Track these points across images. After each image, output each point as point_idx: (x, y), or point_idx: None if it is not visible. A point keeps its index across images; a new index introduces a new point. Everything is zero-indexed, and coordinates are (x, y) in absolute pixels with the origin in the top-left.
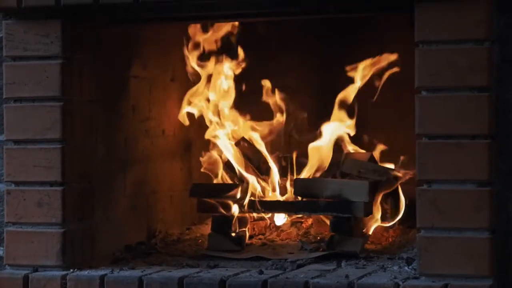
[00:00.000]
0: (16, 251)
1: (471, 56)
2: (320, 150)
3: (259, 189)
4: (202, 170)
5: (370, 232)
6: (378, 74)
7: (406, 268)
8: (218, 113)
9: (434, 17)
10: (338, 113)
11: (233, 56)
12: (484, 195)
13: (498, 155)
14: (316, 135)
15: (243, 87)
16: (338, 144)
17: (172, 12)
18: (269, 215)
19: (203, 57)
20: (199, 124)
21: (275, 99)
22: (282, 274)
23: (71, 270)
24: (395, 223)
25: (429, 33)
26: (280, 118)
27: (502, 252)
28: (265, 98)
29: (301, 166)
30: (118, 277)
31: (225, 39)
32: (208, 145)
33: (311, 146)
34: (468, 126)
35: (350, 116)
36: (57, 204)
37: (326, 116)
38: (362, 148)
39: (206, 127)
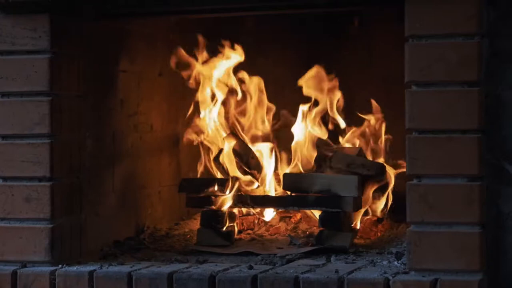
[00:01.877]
0: (4, 247)
1: (462, 50)
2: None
3: (248, 184)
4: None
5: (358, 227)
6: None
7: (395, 262)
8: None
9: (425, 11)
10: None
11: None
12: (474, 189)
13: (489, 150)
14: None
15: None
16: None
17: (162, 6)
18: (258, 210)
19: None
20: (187, 119)
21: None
22: (272, 269)
23: (60, 265)
24: (383, 218)
25: (419, 28)
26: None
27: (492, 246)
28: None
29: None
30: (107, 272)
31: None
32: (196, 140)
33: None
34: (458, 120)
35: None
36: (46, 199)
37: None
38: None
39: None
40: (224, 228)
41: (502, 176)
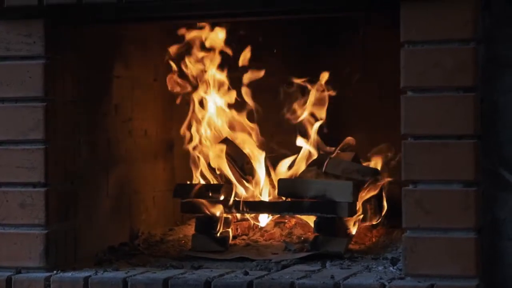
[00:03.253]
0: None
1: (457, 56)
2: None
3: (243, 189)
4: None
5: (354, 232)
6: None
7: (391, 268)
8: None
9: (420, 17)
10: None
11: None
12: (470, 195)
13: (485, 156)
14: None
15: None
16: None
17: (157, 12)
18: (253, 215)
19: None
20: (181, 123)
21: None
22: (268, 275)
23: (55, 271)
24: (378, 223)
25: (415, 33)
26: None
27: (488, 252)
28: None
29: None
30: (103, 278)
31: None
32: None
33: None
34: (454, 126)
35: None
36: (41, 205)
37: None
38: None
39: (189, 127)
40: (219, 234)
41: (498, 182)
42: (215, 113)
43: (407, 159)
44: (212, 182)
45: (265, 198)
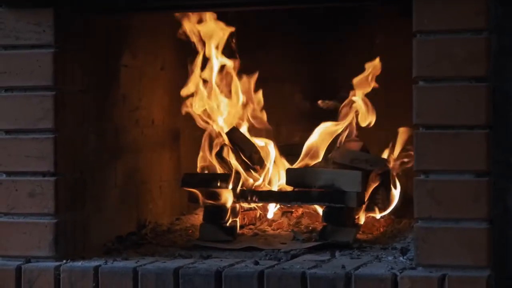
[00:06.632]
0: (7, 242)
1: (469, 46)
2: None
3: (251, 179)
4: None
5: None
6: None
7: (401, 258)
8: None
9: (432, 7)
10: None
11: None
12: (482, 185)
13: (496, 146)
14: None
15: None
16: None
17: (166, 1)
18: (260, 205)
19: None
20: (187, 113)
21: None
22: (278, 265)
23: (64, 261)
24: (387, 213)
25: (427, 23)
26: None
27: (499, 242)
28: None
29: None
30: (113, 268)
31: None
32: (196, 134)
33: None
34: (466, 116)
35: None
36: (50, 194)
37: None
38: None
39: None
40: (227, 223)
41: (510, 173)
42: (224, 102)
43: (419, 149)
44: (219, 172)
45: (274, 187)
